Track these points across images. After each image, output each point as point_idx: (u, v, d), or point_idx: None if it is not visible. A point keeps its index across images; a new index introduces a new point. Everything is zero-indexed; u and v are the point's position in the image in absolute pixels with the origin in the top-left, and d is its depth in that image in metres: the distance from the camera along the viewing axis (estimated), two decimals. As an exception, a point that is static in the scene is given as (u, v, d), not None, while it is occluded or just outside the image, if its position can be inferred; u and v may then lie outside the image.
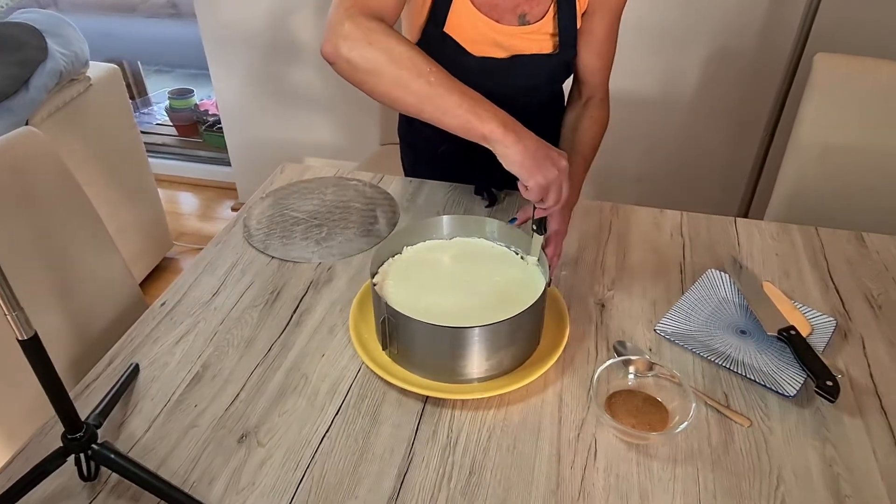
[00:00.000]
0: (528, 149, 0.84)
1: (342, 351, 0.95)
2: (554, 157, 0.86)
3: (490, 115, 0.84)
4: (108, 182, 2.05)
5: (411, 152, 1.40)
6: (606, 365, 0.87)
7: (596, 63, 1.17)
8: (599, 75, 1.19)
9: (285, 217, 1.23)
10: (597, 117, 1.18)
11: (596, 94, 1.20)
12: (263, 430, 0.84)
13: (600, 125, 1.18)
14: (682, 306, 1.02)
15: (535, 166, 0.84)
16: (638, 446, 0.82)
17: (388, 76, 0.84)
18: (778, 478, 0.79)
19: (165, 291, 1.06)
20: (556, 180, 0.86)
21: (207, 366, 0.93)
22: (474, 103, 0.84)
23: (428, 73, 0.84)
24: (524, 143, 0.84)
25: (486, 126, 0.84)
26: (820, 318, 0.99)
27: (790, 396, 0.86)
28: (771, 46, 1.87)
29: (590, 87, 1.20)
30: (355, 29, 0.84)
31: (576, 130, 1.16)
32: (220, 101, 2.54)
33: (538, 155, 0.84)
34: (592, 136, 1.16)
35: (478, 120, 0.84)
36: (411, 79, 0.84)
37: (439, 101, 0.84)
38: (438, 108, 0.85)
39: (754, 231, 1.21)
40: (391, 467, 0.79)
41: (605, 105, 1.21)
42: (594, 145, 1.16)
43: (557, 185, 0.87)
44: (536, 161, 0.84)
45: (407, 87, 0.85)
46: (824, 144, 1.45)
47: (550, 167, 0.85)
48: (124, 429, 0.84)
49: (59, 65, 1.72)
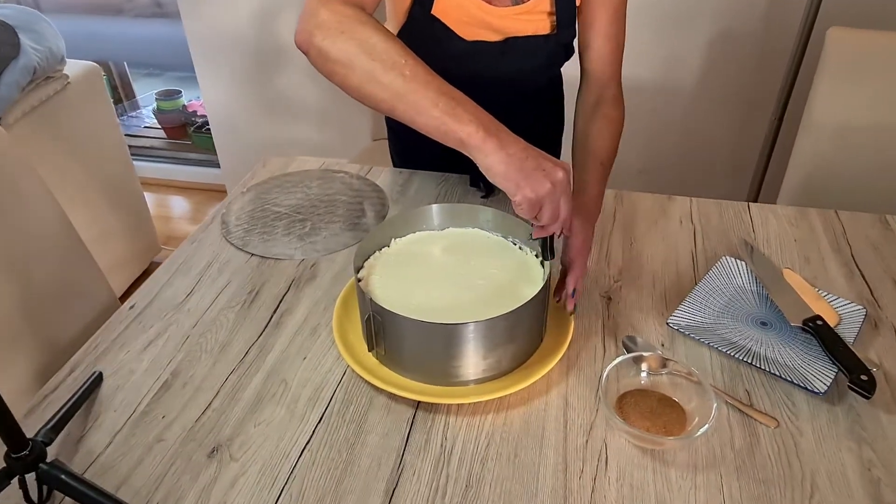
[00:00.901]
0: (512, 157, 0.71)
1: (325, 354, 0.87)
2: (547, 168, 0.72)
3: (470, 116, 0.71)
4: (89, 185, 1.97)
5: (399, 141, 1.32)
6: (616, 363, 0.78)
7: (604, 47, 1.04)
8: (610, 64, 1.05)
9: (267, 212, 1.15)
10: (611, 116, 1.03)
11: (607, 91, 1.06)
12: (237, 443, 0.75)
13: (616, 124, 1.03)
14: (696, 297, 0.94)
15: (522, 178, 0.71)
16: (653, 452, 0.74)
17: (360, 68, 0.74)
18: (812, 484, 0.70)
19: (135, 293, 0.98)
20: (549, 194, 0.72)
21: (178, 373, 0.84)
22: (453, 103, 0.72)
23: (402, 66, 0.73)
24: (508, 150, 0.71)
25: (463, 129, 0.71)
26: (847, 307, 0.90)
27: (820, 393, 0.78)
28: (778, 24, 1.79)
29: (599, 82, 1.06)
30: (330, 16, 0.75)
31: (588, 135, 1.02)
32: (208, 102, 2.47)
33: (526, 165, 0.71)
34: (608, 138, 1.01)
35: (455, 122, 0.71)
36: (384, 71, 0.73)
37: (413, 98, 0.73)
38: (412, 106, 0.73)
39: (770, 216, 1.12)
40: (378, 482, 0.71)
41: (619, 104, 1.06)
42: (611, 147, 1.01)
43: (553, 201, 0.73)
44: (524, 172, 0.71)
45: (379, 81, 0.74)
46: (839, 123, 1.37)
47: (541, 179, 0.71)
48: (82, 445, 0.76)
49: (32, 61, 1.65)
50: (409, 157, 1.30)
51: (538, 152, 0.73)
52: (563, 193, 0.74)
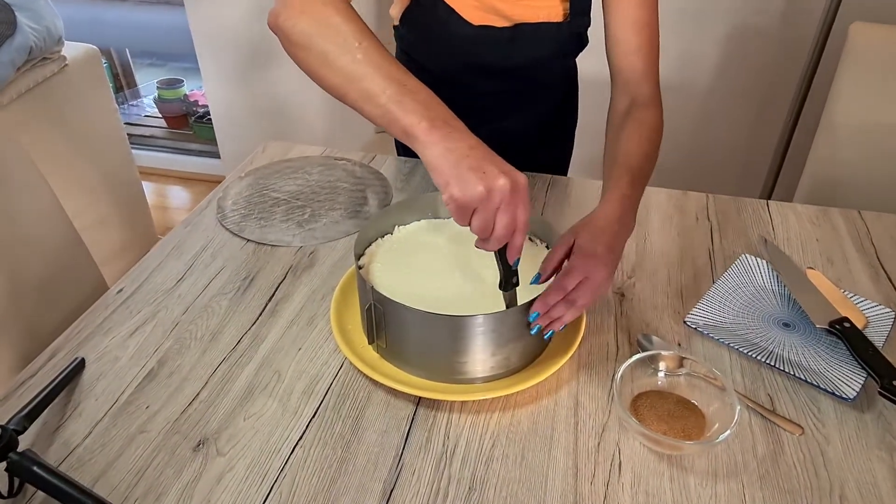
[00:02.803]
0: (451, 152, 0.61)
1: (322, 345, 0.82)
2: (488, 171, 0.61)
3: (417, 106, 0.63)
4: (85, 171, 1.92)
5: None
6: (631, 361, 0.73)
7: (632, 39, 0.91)
8: (641, 58, 0.91)
9: (265, 197, 1.10)
10: (643, 119, 0.89)
11: (641, 91, 0.91)
12: (225, 437, 0.70)
13: (649, 128, 0.88)
14: (715, 295, 0.89)
15: (453, 176, 0.61)
16: (670, 457, 0.69)
17: (315, 51, 0.68)
18: (840, 496, 0.65)
19: (123, 277, 0.93)
20: (480, 200, 0.61)
21: (164, 361, 0.80)
22: (403, 91, 0.64)
23: (356, 49, 0.66)
24: (449, 144, 0.62)
25: (407, 118, 0.63)
26: (875, 309, 0.85)
27: (849, 399, 0.73)
28: (796, 20, 1.74)
29: (631, 82, 0.92)
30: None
31: (616, 141, 0.88)
32: (210, 93, 2.42)
33: (463, 163, 0.61)
34: (638, 142, 0.86)
35: (400, 110, 0.63)
36: (337, 55, 0.66)
37: (363, 84, 0.65)
38: (362, 93, 0.66)
39: (790, 214, 1.08)
40: (375, 482, 0.66)
41: (654, 105, 0.91)
42: (642, 154, 0.85)
43: (486, 210, 0.61)
44: (458, 170, 0.61)
45: (332, 65, 0.67)
46: (861, 123, 1.32)
47: (474, 181, 0.60)
48: (59, 435, 0.71)
49: (28, 40, 1.60)
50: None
51: (487, 154, 0.63)
52: (508, 205, 0.62)
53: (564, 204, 1.10)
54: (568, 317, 0.71)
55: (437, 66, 1.09)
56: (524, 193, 0.63)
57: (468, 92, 1.08)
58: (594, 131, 1.45)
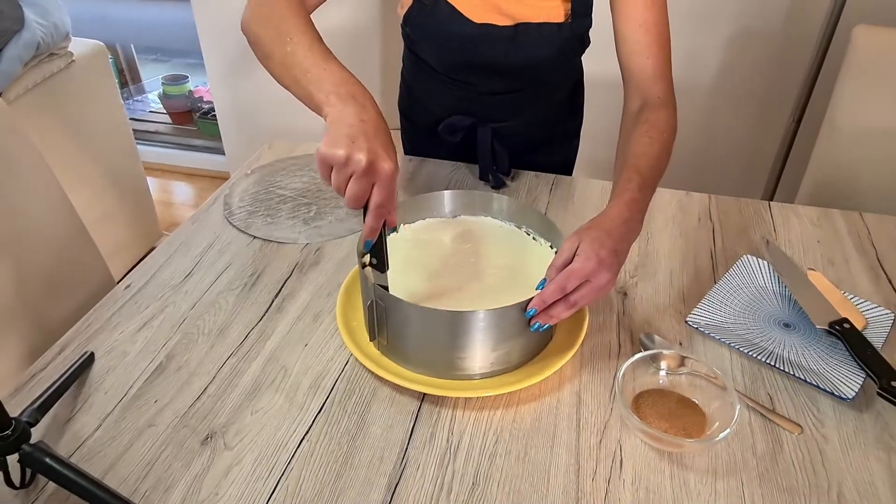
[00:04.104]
0: (342, 119, 0.66)
1: (328, 341, 0.83)
2: (359, 144, 0.64)
3: (331, 84, 0.69)
4: (91, 165, 1.93)
5: (411, 128, 1.28)
6: (633, 360, 0.74)
7: (641, 38, 0.90)
8: (650, 58, 0.90)
9: (271, 194, 1.11)
10: (654, 121, 0.87)
11: (652, 92, 0.90)
12: (232, 431, 0.72)
13: (660, 130, 0.86)
14: (716, 295, 0.90)
15: (331, 134, 0.65)
16: (671, 455, 0.70)
17: (261, 45, 0.75)
18: (838, 494, 0.66)
19: (132, 272, 0.94)
20: (339, 162, 0.64)
21: (173, 356, 0.81)
22: (321, 73, 0.70)
23: (288, 40, 0.72)
24: (345, 112, 0.67)
25: (319, 94, 0.69)
26: (875, 311, 0.86)
27: (848, 399, 0.74)
28: (800, 23, 1.74)
29: (642, 83, 0.91)
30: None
31: (626, 143, 0.87)
32: (215, 89, 2.43)
33: (344, 129, 0.65)
34: (649, 145, 0.84)
35: (315, 89, 0.69)
36: (274, 45, 0.73)
37: (293, 71, 0.71)
38: (292, 79, 0.72)
39: (791, 215, 1.08)
40: (380, 476, 0.67)
41: (666, 109, 0.89)
42: (652, 154, 0.83)
43: (340, 174, 0.65)
44: (336, 132, 0.65)
45: (271, 56, 0.74)
46: (863, 126, 1.32)
47: (341, 146, 0.64)
48: (70, 427, 0.72)
49: (36, 36, 1.61)
50: (421, 147, 1.26)
51: (372, 130, 0.66)
52: (359, 179, 0.65)
53: (568, 203, 1.11)
54: (565, 314, 0.72)
55: (441, 64, 1.10)
56: (384, 179, 0.66)
57: (473, 90, 1.10)
58: (600, 132, 1.47)
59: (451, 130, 1.13)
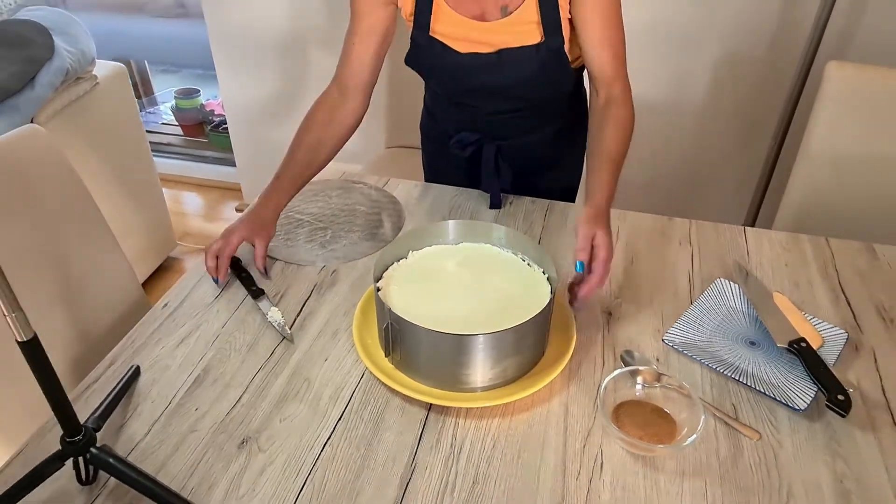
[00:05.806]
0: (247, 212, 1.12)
1: (345, 356, 0.94)
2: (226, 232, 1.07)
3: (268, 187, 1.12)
4: (113, 181, 2.04)
5: (431, 145, 1.42)
6: (614, 375, 0.85)
7: (602, 54, 1.09)
8: (610, 67, 1.10)
9: (290, 219, 1.22)
10: (618, 117, 1.09)
11: (613, 90, 1.11)
12: (264, 436, 0.82)
13: (622, 125, 1.08)
14: (691, 316, 1.00)
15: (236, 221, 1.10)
16: (645, 458, 0.80)
17: None
18: (788, 493, 0.77)
19: (168, 292, 1.05)
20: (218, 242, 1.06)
21: (209, 369, 0.92)
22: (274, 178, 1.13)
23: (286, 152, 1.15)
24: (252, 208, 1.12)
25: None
26: (831, 331, 0.97)
27: (801, 410, 0.85)
28: (782, 52, 1.85)
29: (605, 84, 1.12)
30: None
31: (598, 137, 1.08)
32: (227, 102, 2.53)
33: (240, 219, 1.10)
34: (613, 138, 1.07)
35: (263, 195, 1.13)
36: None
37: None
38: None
39: (764, 240, 1.19)
40: (394, 475, 0.78)
41: (626, 102, 1.11)
42: (621, 142, 1.07)
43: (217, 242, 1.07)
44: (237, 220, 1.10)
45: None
46: (836, 154, 1.43)
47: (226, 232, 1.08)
48: (123, 432, 0.83)
49: (65, 63, 1.72)
50: (439, 164, 1.42)
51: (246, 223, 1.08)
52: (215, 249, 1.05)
53: (561, 229, 1.21)
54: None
55: (445, 91, 1.26)
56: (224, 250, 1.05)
57: (477, 111, 1.25)
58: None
59: (462, 145, 1.28)
